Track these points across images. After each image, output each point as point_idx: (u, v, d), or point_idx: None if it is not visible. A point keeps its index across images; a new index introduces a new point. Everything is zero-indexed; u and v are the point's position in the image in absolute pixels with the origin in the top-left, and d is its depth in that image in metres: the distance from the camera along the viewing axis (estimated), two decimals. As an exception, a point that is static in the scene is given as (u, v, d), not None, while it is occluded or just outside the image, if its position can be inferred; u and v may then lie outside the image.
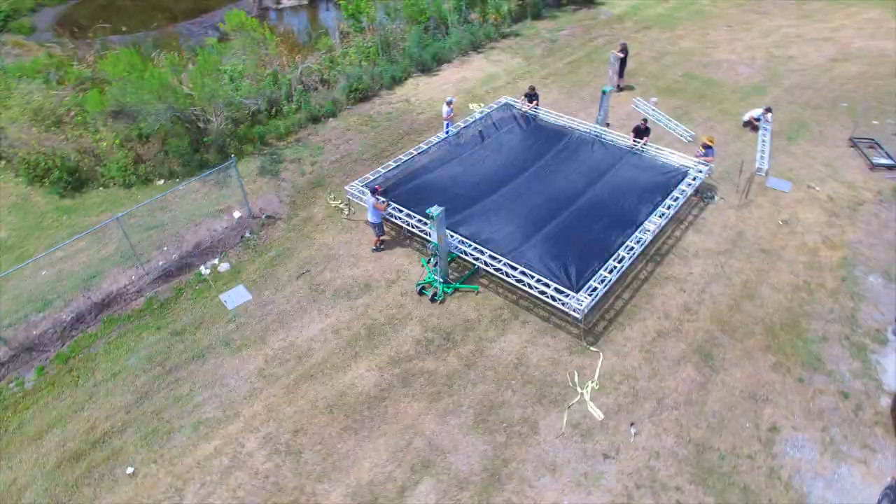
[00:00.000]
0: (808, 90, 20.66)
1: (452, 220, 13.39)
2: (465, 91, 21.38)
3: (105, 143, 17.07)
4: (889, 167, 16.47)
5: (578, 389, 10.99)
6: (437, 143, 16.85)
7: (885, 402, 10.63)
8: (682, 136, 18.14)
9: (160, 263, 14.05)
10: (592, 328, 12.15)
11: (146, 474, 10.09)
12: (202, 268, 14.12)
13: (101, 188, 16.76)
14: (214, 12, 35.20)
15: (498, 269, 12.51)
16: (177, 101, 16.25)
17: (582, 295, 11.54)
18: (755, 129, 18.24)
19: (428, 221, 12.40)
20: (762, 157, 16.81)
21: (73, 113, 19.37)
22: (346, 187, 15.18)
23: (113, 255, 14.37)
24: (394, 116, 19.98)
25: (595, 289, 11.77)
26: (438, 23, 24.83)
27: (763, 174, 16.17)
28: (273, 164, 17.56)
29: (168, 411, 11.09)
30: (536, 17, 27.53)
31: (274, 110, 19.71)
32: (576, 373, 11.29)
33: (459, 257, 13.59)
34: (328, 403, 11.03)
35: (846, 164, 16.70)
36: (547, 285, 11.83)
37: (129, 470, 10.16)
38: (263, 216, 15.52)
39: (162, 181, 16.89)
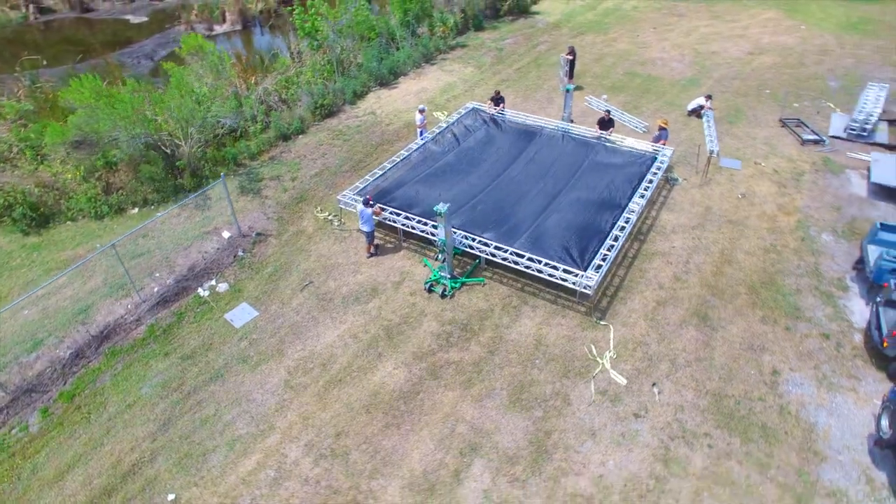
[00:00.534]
0: (735, 80, 22.90)
1: (451, 218, 13.86)
2: (426, 101, 22.00)
3: (69, 176, 16.27)
4: (816, 142, 18.60)
5: (598, 360, 11.72)
6: (416, 150, 17.31)
7: (858, 337, 12.08)
8: (636, 127, 19.61)
9: (156, 290, 13.58)
10: (597, 304, 12.98)
11: (190, 498, 9.78)
12: (200, 290, 13.78)
13: (69, 222, 15.94)
14: (143, 42, 34.16)
15: (504, 259, 13.11)
16: (148, 126, 15.81)
17: (590, 272, 12.35)
18: (699, 116, 20.02)
19: (435, 220, 12.81)
20: (711, 141, 18.50)
21: (17, 149, 18.36)
22: (339, 196, 15.33)
23: (101, 287, 13.74)
24: (363, 129, 20.27)
25: (599, 266, 12.62)
26: (388, 38, 25.43)
27: (716, 155, 17.81)
28: (252, 182, 17.37)
29: (197, 434, 10.79)
30: (479, 28, 28.75)
31: (239, 132, 19.52)
32: (592, 346, 12.03)
33: (465, 252, 14.06)
34: (363, 404, 11.14)
35: (782, 142, 18.71)
36: (555, 268, 12.55)
37: (171, 497, 9.81)
38: (254, 234, 15.33)
39: (136, 209, 16.29)
